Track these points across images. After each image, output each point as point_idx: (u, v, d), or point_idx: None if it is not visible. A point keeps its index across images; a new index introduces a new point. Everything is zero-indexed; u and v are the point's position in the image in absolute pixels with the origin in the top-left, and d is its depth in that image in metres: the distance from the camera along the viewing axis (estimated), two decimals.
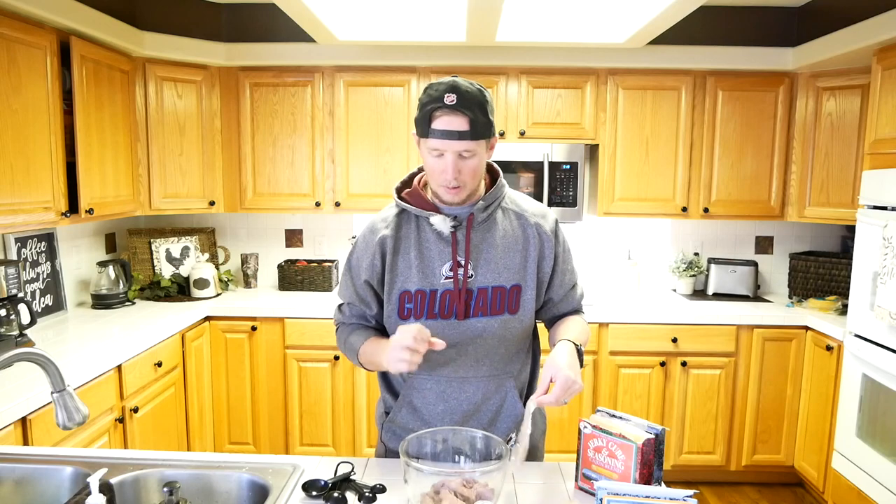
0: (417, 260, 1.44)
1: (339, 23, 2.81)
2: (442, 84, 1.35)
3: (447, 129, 1.32)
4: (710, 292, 3.63)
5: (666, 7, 2.47)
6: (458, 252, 1.43)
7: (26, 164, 2.32)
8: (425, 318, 1.43)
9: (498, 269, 1.44)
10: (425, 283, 1.43)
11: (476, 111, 1.33)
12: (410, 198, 1.49)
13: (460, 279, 1.43)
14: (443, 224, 1.43)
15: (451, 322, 1.43)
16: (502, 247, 1.46)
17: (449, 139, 1.32)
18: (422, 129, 1.36)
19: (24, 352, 1.22)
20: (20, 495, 1.37)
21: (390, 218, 1.50)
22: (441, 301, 1.43)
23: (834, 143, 3.20)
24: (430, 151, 1.36)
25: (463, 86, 1.34)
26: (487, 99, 1.37)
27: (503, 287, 1.45)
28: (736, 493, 3.26)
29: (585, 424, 1.31)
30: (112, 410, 2.34)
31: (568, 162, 3.36)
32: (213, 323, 3.22)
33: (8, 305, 2.34)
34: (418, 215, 1.47)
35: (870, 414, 2.63)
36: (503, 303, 1.45)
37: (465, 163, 1.36)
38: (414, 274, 1.44)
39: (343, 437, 3.29)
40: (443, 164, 1.36)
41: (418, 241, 1.46)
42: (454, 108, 1.31)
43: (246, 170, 3.44)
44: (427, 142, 1.36)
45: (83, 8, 2.56)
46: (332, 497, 1.25)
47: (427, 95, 1.35)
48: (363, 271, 1.48)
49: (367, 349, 1.47)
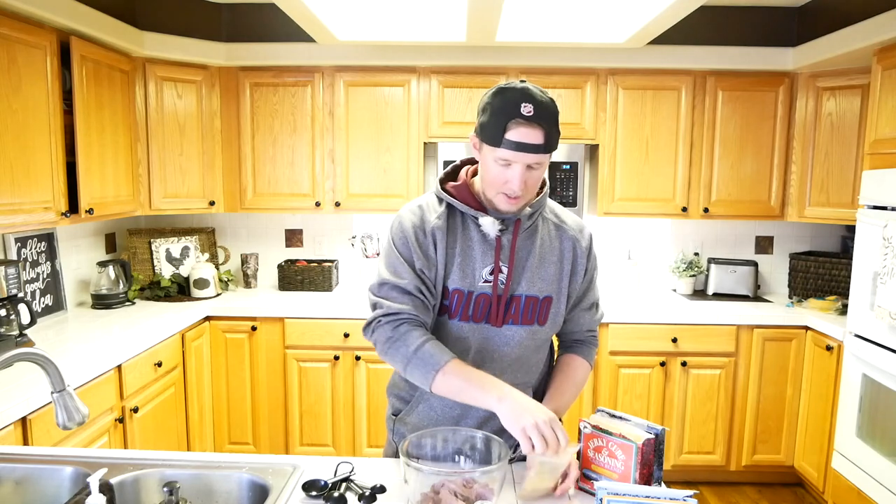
0: (460, 258, 1.40)
1: (339, 23, 2.81)
2: (515, 90, 1.29)
3: (522, 142, 1.27)
4: (710, 292, 3.63)
5: (666, 7, 2.47)
6: (500, 256, 1.40)
7: (26, 163, 2.32)
8: (459, 320, 1.40)
9: (533, 279, 1.42)
10: (464, 284, 1.39)
11: (552, 124, 1.29)
12: (457, 193, 1.43)
13: (500, 285, 1.39)
14: (491, 227, 1.38)
15: (483, 326, 1.41)
16: (539, 256, 1.43)
17: (523, 152, 1.27)
18: (492, 138, 1.29)
19: (24, 352, 1.22)
20: (20, 495, 1.37)
21: (440, 210, 1.42)
22: (476, 304, 1.40)
23: (834, 143, 3.20)
24: (498, 161, 1.31)
25: (537, 95, 1.28)
26: (559, 109, 1.33)
27: (536, 297, 1.42)
28: (736, 493, 3.26)
29: (585, 424, 1.31)
30: (112, 410, 2.34)
31: (568, 162, 3.36)
32: (213, 323, 3.22)
33: (8, 305, 2.34)
34: (465, 213, 1.42)
35: (870, 414, 2.63)
36: (534, 313, 1.42)
37: (532, 174, 1.32)
38: (455, 271, 1.39)
39: (343, 437, 3.29)
40: (509, 175, 1.31)
41: (463, 239, 1.41)
42: (531, 120, 1.26)
43: (246, 170, 3.44)
44: (496, 151, 1.29)
45: (83, 8, 2.56)
46: (332, 497, 1.25)
47: (500, 101, 1.29)
48: (418, 261, 1.38)
49: (458, 373, 1.29)
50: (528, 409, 1.22)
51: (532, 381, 1.49)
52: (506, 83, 1.32)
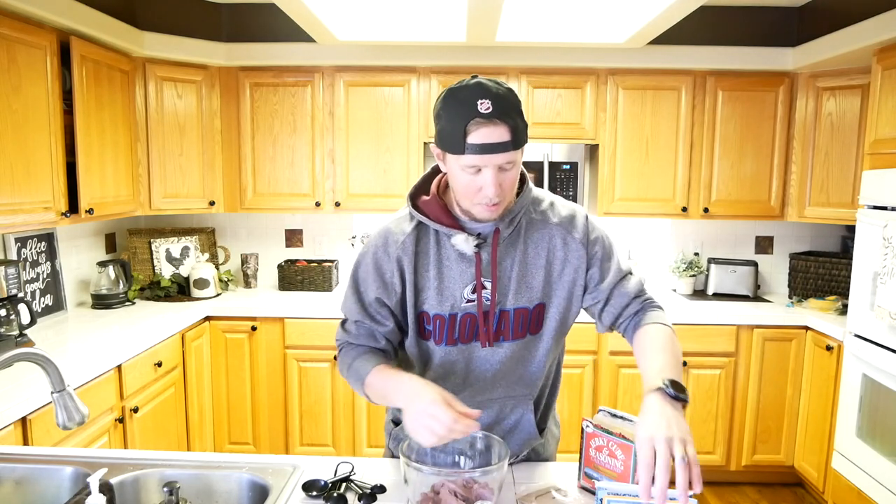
0: (437, 280, 1.30)
1: (339, 23, 2.81)
2: (467, 88, 1.17)
3: (487, 143, 1.15)
4: (710, 292, 3.63)
5: (666, 7, 2.47)
6: (481, 273, 1.29)
7: (26, 164, 2.32)
8: (445, 345, 1.33)
9: (520, 290, 1.31)
10: (444, 308, 1.30)
11: (515, 116, 1.17)
12: (428, 209, 1.31)
13: (486, 302, 1.30)
14: (465, 244, 1.28)
15: (472, 346, 1.34)
16: (524, 264, 1.32)
17: (490, 153, 1.15)
18: (452, 146, 1.17)
19: (24, 352, 1.22)
20: (20, 495, 1.37)
21: (408, 231, 1.32)
22: (462, 326, 1.31)
23: (834, 143, 3.20)
24: (465, 168, 1.18)
25: (493, 88, 1.16)
26: (520, 99, 1.21)
27: (526, 308, 1.32)
28: (736, 493, 3.26)
29: (588, 423, 1.31)
30: (112, 410, 2.34)
31: (568, 162, 3.36)
32: (213, 323, 3.22)
33: (8, 305, 2.34)
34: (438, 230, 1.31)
35: (870, 414, 2.63)
36: (525, 325, 1.33)
37: (506, 175, 1.20)
38: (432, 296, 1.30)
39: (343, 437, 3.29)
40: (480, 181, 1.19)
41: (438, 259, 1.31)
42: (491, 117, 1.14)
43: (246, 170, 3.44)
44: (461, 158, 1.17)
45: (83, 8, 2.56)
46: (332, 497, 1.25)
47: (453, 103, 1.17)
48: (374, 288, 1.32)
49: (376, 381, 1.27)
50: (415, 408, 1.14)
51: (532, 393, 1.40)
52: (457, 83, 1.20)
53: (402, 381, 1.23)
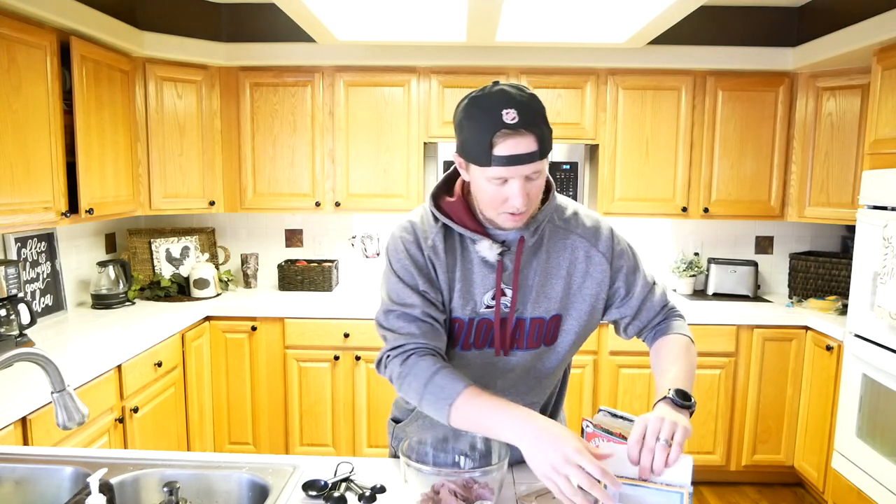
0: (460, 283, 1.28)
1: (339, 23, 2.81)
2: (491, 97, 1.14)
3: (515, 154, 1.12)
4: (710, 292, 3.63)
5: (666, 7, 2.47)
6: (503, 280, 1.27)
7: (26, 164, 2.32)
8: (460, 349, 1.32)
9: (538, 300, 1.30)
10: (465, 311, 1.29)
11: (541, 124, 1.14)
12: (453, 212, 1.28)
13: (504, 309, 1.28)
14: (489, 251, 1.26)
15: (487, 352, 1.32)
16: (546, 274, 1.30)
17: (518, 165, 1.13)
18: (478, 157, 1.14)
19: (24, 352, 1.22)
20: (20, 495, 1.37)
21: (436, 228, 1.29)
22: (478, 331, 1.30)
23: (834, 143, 3.20)
24: (491, 180, 1.16)
25: (517, 96, 1.13)
26: (544, 105, 1.18)
27: (542, 318, 1.31)
28: (736, 493, 3.26)
29: (588, 423, 1.31)
30: (112, 410, 2.34)
31: (568, 162, 3.36)
32: (213, 323, 3.22)
33: (8, 305, 2.34)
34: (462, 233, 1.28)
35: (870, 414, 2.63)
36: (540, 335, 1.32)
37: (533, 185, 1.18)
38: (456, 298, 1.28)
39: (343, 437, 3.29)
40: (506, 192, 1.16)
41: (462, 262, 1.29)
42: (517, 128, 1.11)
43: (246, 170, 3.44)
44: (487, 170, 1.15)
45: (83, 8, 2.56)
46: (332, 497, 1.25)
47: (477, 113, 1.14)
48: (419, 281, 1.27)
49: (469, 408, 1.14)
50: (550, 441, 1.04)
51: (541, 400, 1.41)
52: (478, 91, 1.17)
53: (524, 416, 1.11)
